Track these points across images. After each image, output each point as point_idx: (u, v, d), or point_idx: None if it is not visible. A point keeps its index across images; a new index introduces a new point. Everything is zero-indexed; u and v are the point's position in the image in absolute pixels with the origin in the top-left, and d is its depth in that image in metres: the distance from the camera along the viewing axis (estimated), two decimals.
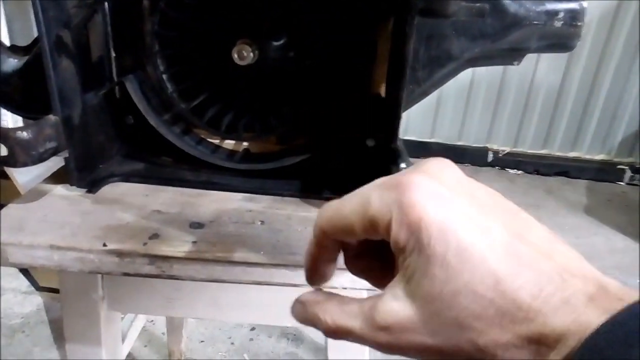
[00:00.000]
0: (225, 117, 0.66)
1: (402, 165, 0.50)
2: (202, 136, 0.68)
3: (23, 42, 0.63)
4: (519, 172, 2.84)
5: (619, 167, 2.82)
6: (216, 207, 0.58)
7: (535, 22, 0.50)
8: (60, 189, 0.61)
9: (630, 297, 0.19)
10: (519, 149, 2.81)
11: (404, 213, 0.22)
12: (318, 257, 0.28)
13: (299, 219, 0.57)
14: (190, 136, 0.66)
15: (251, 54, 0.59)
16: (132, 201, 0.59)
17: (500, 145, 2.86)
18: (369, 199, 0.24)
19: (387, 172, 0.57)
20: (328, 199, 0.62)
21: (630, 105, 2.78)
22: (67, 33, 0.54)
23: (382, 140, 0.60)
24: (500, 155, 2.81)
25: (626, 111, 2.78)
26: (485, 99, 2.95)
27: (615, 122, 2.84)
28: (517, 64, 0.55)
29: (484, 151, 2.89)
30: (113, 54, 0.63)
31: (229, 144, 0.69)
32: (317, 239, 0.27)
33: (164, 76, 0.64)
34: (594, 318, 0.18)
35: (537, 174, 2.83)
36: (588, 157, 2.85)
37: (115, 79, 0.64)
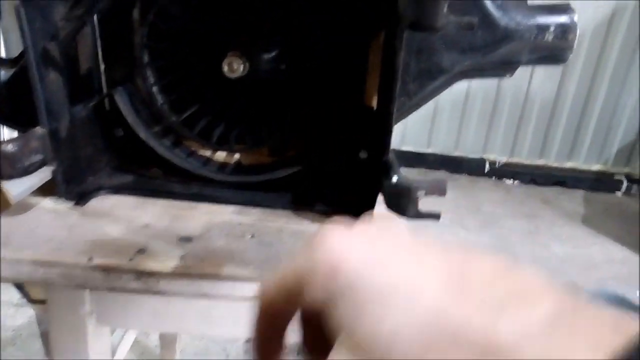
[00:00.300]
0: (217, 128, 0.66)
1: (394, 177, 0.49)
2: (193, 148, 0.67)
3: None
4: (516, 182, 2.85)
5: (615, 177, 2.84)
6: (206, 220, 0.57)
7: (526, 36, 0.50)
8: (47, 202, 0.60)
9: (624, 327, 0.15)
10: (516, 159, 2.81)
11: (322, 262, 0.20)
12: (264, 336, 0.25)
13: (290, 232, 0.56)
14: (180, 148, 0.66)
15: (242, 66, 0.58)
16: (120, 214, 0.58)
17: (497, 155, 2.87)
18: (292, 262, 0.23)
19: (379, 184, 0.57)
20: (320, 212, 0.61)
21: (625, 116, 2.80)
22: (54, 46, 0.53)
23: (374, 153, 0.60)
24: (496, 166, 2.83)
25: (622, 122, 2.81)
26: (481, 110, 2.97)
27: (611, 133, 2.87)
28: (510, 76, 0.55)
29: (480, 162, 2.90)
30: (102, 66, 0.63)
31: (221, 155, 0.69)
32: (259, 315, 0.25)
33: (154, 88, 0.64)
34: (580, 353, 0.15)
35: (534, 183, 2.85)
36: (585, 167, 2.86)
37: (105, 91, 0.64)
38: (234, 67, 0.59)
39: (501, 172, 2.53)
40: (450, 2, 0.39)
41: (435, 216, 0.48)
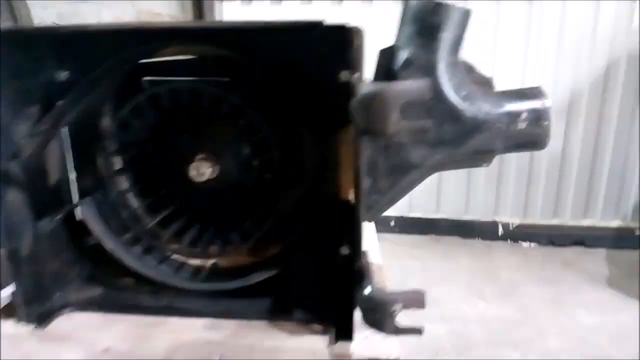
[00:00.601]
0: (189, 231, 0.63)
1: (368, 290, 0.44)
2: (167, 253, 0.64)
3: None
4: (532, 244, 2.69)
5: (637, 232, 2.66)
6: (172, 340, 0.53)
7: (496, 126, 0.47)
8: (7, 325, 0.56)
9: None
10: (530, 220, 2.68)
11: None
12: None
13: (262, 350, 0.51)
14: (151, 255, 0.62)
15: (210, 170, 0.57)
16: (82, 336, 0.53)
17: (510, 216, 2.75)
18: None
19: (353, 291, 0.52)
20: (299, 321, 0.56)
21: (637, 167, 2.67)
22: (15, 165, 0.52)
23: (356, 249, 0.56)
24: (510, 228, 2.69)
25: (635, 174, 2.68)
26: (488, 171, 2.88)
27: (626, 186, 2.74)
28: (487, 165, 0.51)
29: (493, 225, 2.77)
30: (73, 176, 0.62)
31: (196, 259, 0.65)
32: None
33: (130, 193, 0.62)
34: None
35: (552, 245, 2.67)
36: (603, 224, 2.71)
37: (75, 200, 0.62)
38: (202, 172, 0.57)
39: (516, 234, 2.42)
40: (405, 104, 0.37)
41: (417, 331, 0.42)
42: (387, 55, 0.48)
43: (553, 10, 2.34)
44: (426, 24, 0.45)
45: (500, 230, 2.53)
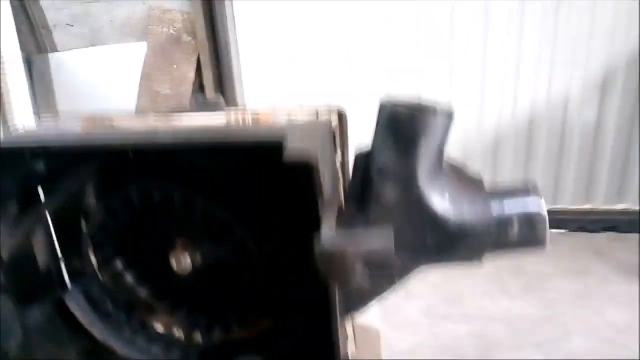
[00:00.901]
0: (179, 310, 0.62)
1: None
2: (159, 331, 0.64)
3: None
4: (563, 231, 2.56)
5: None
6: None
7: (484, 234, 0.43)
8: None
9: None
10: (560, 206, 2.54)
11: None
12: None
13: None
14: (142, 336, 0.62)
15: (190, 261, 0.55)
16: None
17: None
18: None
19: None
20: None
21: None
22: None
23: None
24: None
25: None
26: (515, 149, 2.73)
27: None
28: (479, 263, 0.47)
29: None
30: (62, 261, 0.62)
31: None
32: None
33: (121, 275, 0.62)
34: None
35: (584, 231, 2.54)
36: (637, 208, 2.56)
37: (68, 282, 0.62)
38: (183, 263, 0.55)
39: None
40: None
41: None
42: (364, 160, 0.44)
43: None
44: (402, 134, 0.40)
45: None
